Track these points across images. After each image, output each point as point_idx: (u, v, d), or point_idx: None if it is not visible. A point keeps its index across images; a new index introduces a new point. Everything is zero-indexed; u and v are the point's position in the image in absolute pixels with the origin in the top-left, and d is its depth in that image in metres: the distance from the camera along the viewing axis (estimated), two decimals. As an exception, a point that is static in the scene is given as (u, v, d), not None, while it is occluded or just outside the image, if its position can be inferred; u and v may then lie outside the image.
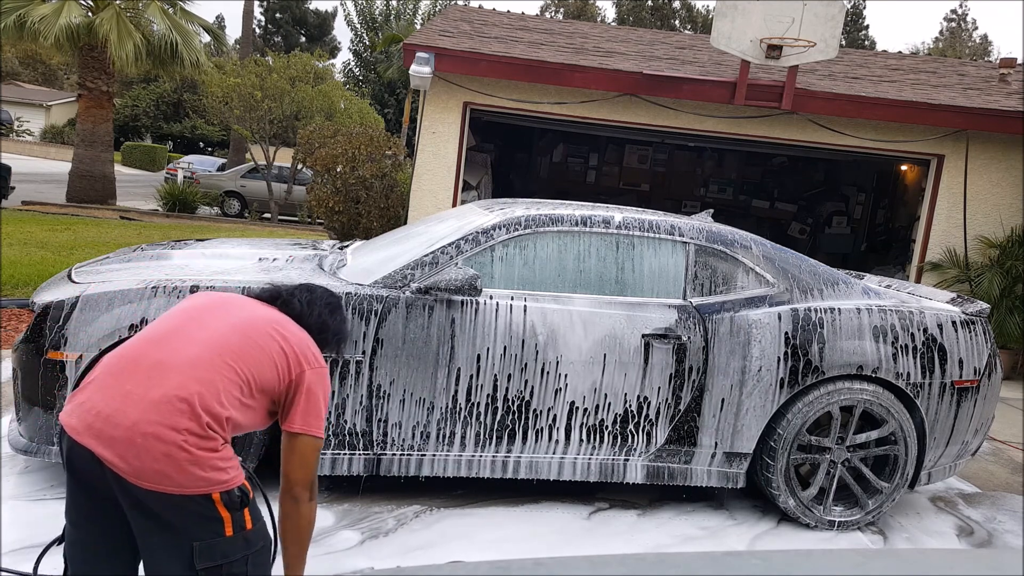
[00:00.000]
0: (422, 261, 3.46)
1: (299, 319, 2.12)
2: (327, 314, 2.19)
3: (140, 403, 1.77)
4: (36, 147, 32.95)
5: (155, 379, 1.81)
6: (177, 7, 16.98)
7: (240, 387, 1.89)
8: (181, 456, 1.75)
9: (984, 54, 43.97)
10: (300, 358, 2.00)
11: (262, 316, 2.04)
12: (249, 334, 1.96)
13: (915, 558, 1.07)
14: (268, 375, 1.94)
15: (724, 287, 3.69)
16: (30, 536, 2.91)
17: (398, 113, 27.06)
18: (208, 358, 1.87)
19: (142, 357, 1.86)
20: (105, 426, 1.76)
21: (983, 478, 4.72)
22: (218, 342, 1.90)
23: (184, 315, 1.99)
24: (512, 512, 3.57)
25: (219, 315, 1.99)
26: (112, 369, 1.86)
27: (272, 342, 1.97)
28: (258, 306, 2.09)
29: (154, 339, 1.91)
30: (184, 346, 1.88)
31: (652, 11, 41.19)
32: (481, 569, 1.00)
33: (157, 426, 1.75)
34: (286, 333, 2.02)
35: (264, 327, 1.99)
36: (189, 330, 1.93)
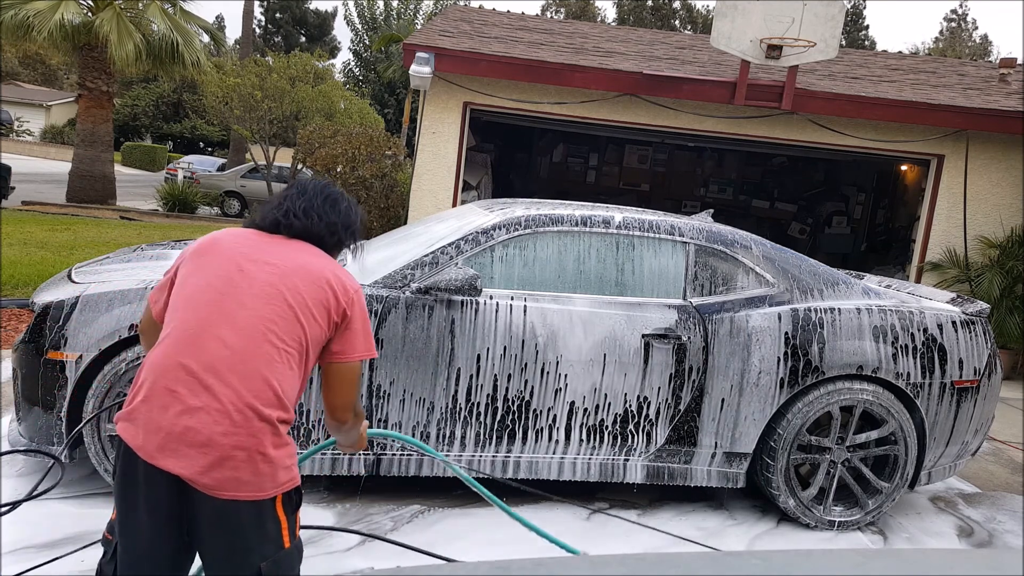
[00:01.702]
0: (422, 261, 3.46)
1: (307, 235, 1.97)
2: (329, 211, 2.01)
3: (211, 415, 1.71)
4: (36, 147, 32.95)
5: (216, 386, 1.73)
6: (177, 7, 16.98)
7: (295, 359, 1.82)
8: (259, 460, 1.73)
9: (984, 54, 43.97)
10: (341, 297, 1.89)
11: (287, 264, 1.88)
12: (290, 290, 1.84)
13: (915, 558, 1.07)
14: (315, 330, 1.85)
15: (724, 287, 3.69)
16: (30, 536, 2.91)
17: (398, 113, 27.05)
18: (262, 345, 1.78)
19: (190, 360, 1.75)
20: (180, 444, 1.70)
21: (983, 478, 4.72)
22: (261, 323, 1.79)
23: (212, 294, 1.82)
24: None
25: (244, 290, 1.82)
26: (162, 386, 1.75)
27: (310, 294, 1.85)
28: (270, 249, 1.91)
29: (191, 335, 1.78)
30: (225, 340, 1.76)
31: (652, 11, 41.19)
32: (481, 569, 1.00)
33: (235, 436, 1.71)
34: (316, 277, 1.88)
35: (299, 280, 1.86)
36: (226, 314, 1.79)
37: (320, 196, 2.03)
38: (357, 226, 2.09)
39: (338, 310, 1.89)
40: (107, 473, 3.22)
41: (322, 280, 1.89)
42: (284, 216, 1.98)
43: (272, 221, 1.98)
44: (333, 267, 1.95)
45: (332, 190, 2.08)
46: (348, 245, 2.08)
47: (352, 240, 2.08)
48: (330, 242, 2.01)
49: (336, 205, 2.04)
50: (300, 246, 1.95)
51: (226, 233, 1.97)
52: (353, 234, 2.08)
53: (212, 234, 1.98)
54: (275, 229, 1.97)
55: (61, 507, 3.18)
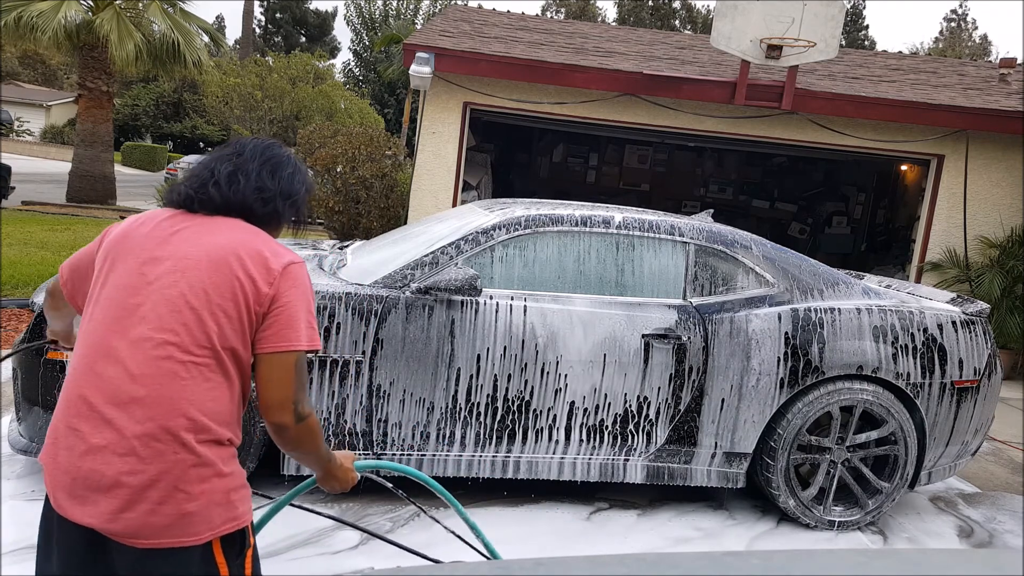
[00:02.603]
0: (422, 261, 3.46)
1: (229, 208, 1.62)
2: (266, 176, 1.65)
3: (115, 453, 1.45)
4: (36, 147, 32.94)
5: (120, 421, 1.46)
6: (177, 7, 16.98)
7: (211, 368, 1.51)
8: (181, 496, 1.46)
9: (984, 54, 43.97)
10: (259, 282, 1.55)
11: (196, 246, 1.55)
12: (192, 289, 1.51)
13: (915, 558, 1.07)
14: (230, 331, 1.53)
15: (724, 287, 3.69)
16: (30, 536, 2.91)
17: (398, 113, 27.05)
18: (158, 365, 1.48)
19: (89, 391, 1.49)
20: (85, 490, 1.46)
21: (983, 478, 4.72)
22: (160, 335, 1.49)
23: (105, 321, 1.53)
24: (512, 512, 3.57)
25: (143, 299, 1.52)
26: (66, 421, 1.50)
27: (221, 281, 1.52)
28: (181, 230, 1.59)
29: (90, 361, 1.51)
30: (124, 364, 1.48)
31: (652, 11, 41.19)
32: (481, 569, 0.99)
33: (146, 474, 1.45)
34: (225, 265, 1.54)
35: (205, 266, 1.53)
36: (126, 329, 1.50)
37: (259, 158, 1.66)
38: (300, 196, 1.72)
39: (258, 296, 1.54)
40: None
41: (232, 262, 1.54)
42: (199, 189, 1.61)
43: (185, 197, 1.62)
44: (253, 242, 1.58)
45: (277, 151, 1.71)
46: (288, 219, 1.72)
47: (294, 213, 1.72)
48: (261, 212, 1.64)
49: (277, 170, 1.67)
50: (218, 224, 1.60)
51: (138, 222, 1.63)
52: (294, 205, 1.71)
53: (125, 223, 1.66)
54: (188, 206, 1.62)
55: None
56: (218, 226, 1.60)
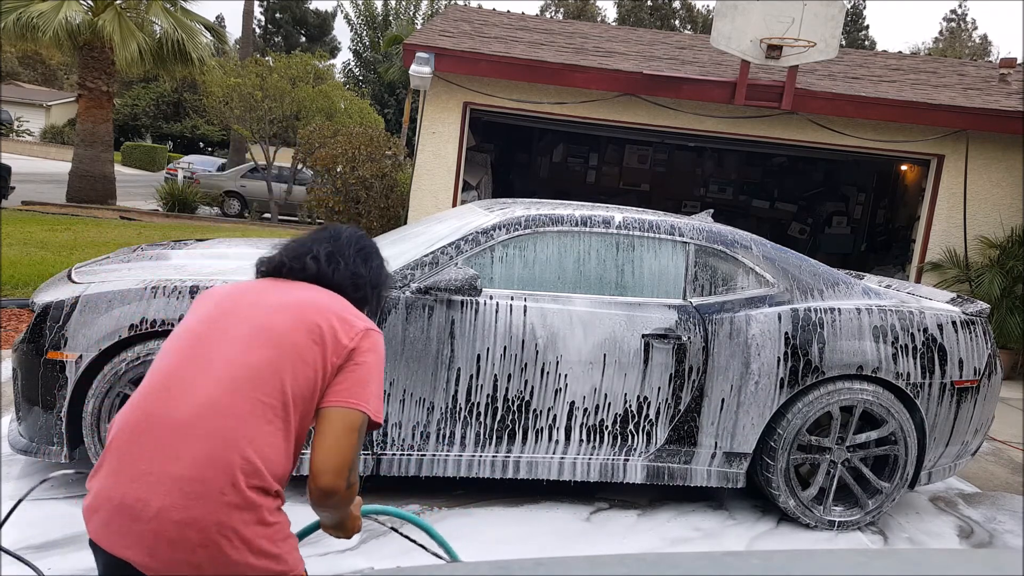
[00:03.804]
0: (422, 261, 3.46)
1: (319, 280, 1.70)
2: (360, 263, 1.75)
3: (161, 484, 1.41)
4: (36, 147, 32.95)
5: (172, 446, 1.43)
6: (178, 6, 16.98)
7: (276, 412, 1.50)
8: (224, 541, 1.40)
9: (984, 54, 43.97)
10: (340, 334, 1.58)
11: (279, 305, 1.61)
12: (271, 334, 1.55)
13: (915, 558, 1.07)
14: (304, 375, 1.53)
15: (724, 287, 3.69)
16: (30, 536, 2.91)
17: (398, 113, 27.06)
18: (230, 396, 1.48)
19: (151, 418, 1.48)
20: (127, 520, 1.41)
21: (983, 478, 4.72)
22: (234, 367, 1.51)
23: (185, 350, 1.57)
24: (512, 512, 3.57)
25: (226, 333, 1.57)
26: (121, 441, 1.48)
27: (298, 334, 1.55)
28: (265, 293, 1.65)
29: (157, 390, 1.51)
30: (197, 390, 1.49)
31: (652, 11, 41.18)
32: (481, 569, 0.99)
33: (187, 510, 1.40)
34: (310, 315, 1.59)
35: (283, 317, 1.57)
36: (197, 366, 1.53)
37: (353, 246, 1.78)
38: (386, 288, 1.84)
39: (337, 347, 1.57)
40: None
41: (316, 314, 1.59)
42: (294, 259, 1.72)
43: (278, 264, 1.73)
44: (339, 302, 1.65)
45: (368, 242, 1.84)
46: (372, 307, 1.80)
47: (377, 302, 1.81)
48: (352, 296, 1.73)
49: (369, 259, 1.80)
50: (308, 286, 1.68)
51: (224, 286, 1.72)
52: (378, 296, 1.81)
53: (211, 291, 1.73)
54: (279, 272, 1.72)
55: (61, 507, 3.18)
56: (307, 287, 1.68)
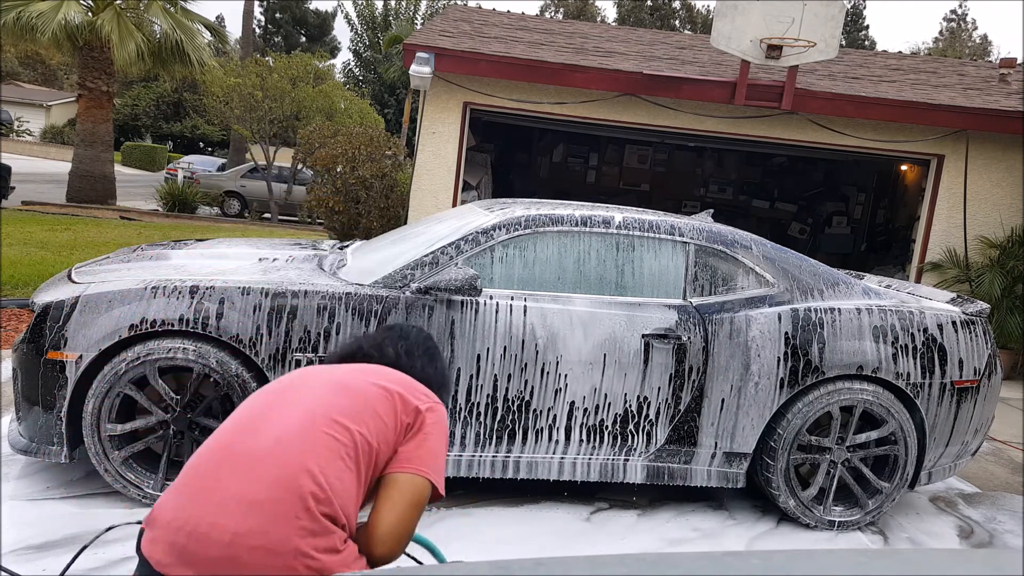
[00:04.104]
0: (422, 261, 3.46)
1: (396, 367, 1.84)
2: (427, 363, 1.91)
3: (238, 509, 1.42)
4: (36, 147, 32.95)
5: (250, 473, 1.46)
6: (178, 6, 16.98)
7: (349, 451, 1.54)
8: (301, 567, 1.40)
9: (984, 54, 43.96)
10: (409, 398, 1.69)
11: (354, 370, 1.76)
12: (345, 387, 1.66)
13: (915, 558, 1.06)
14: (375, 426, 1.60)
15: (724, 287, 3.69)
16: (30, 536, 2.91)
17: (398, 113, 27.06)
18: (306, 430, 1.53)
19: (230, 448, 1.52)
20: (199, 546, 1.40)
21: (983, 478, 4.72)
22: (314, 410, 1.58)
23: (269, 395, 1.68)
24: (512, 512, 3.57)
25: (308, 384, 1.68)
26: (197, 471, 1.51)
27: (371, 388, 1.67)
28: (346, 367, 1.80)
29: (240, 425, 1.58)
30: (276, 425, 1.55)
31: (652, 11, 41.18)
32: (481, 569, 0.99)
33: (265, 535, 1.40)
34: (382, 379, 1.71)
35: (359, 377, 1.70)
36: (279, 408, 1.61)
37: (422, 346, 1.94)
38: (449, 388, 2.04)
39: (408, 408, 1.67)
40: (107, 473, 3.22)
41: (393, 382, 1.71)
42: (374, 347, 1.88)
43: (354, 348, 1.89)
44: (412, 381, 1.79)
45: (433, 343, 2.00)
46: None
47: (442, 399, 1.89)
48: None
49: (435, 360, 1.95)
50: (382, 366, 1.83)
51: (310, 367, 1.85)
52: (445, 395, 1.93)
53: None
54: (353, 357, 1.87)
55: (61, 507, 3.18)
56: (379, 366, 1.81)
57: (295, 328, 3.25)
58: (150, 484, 3.24)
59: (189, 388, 3.22)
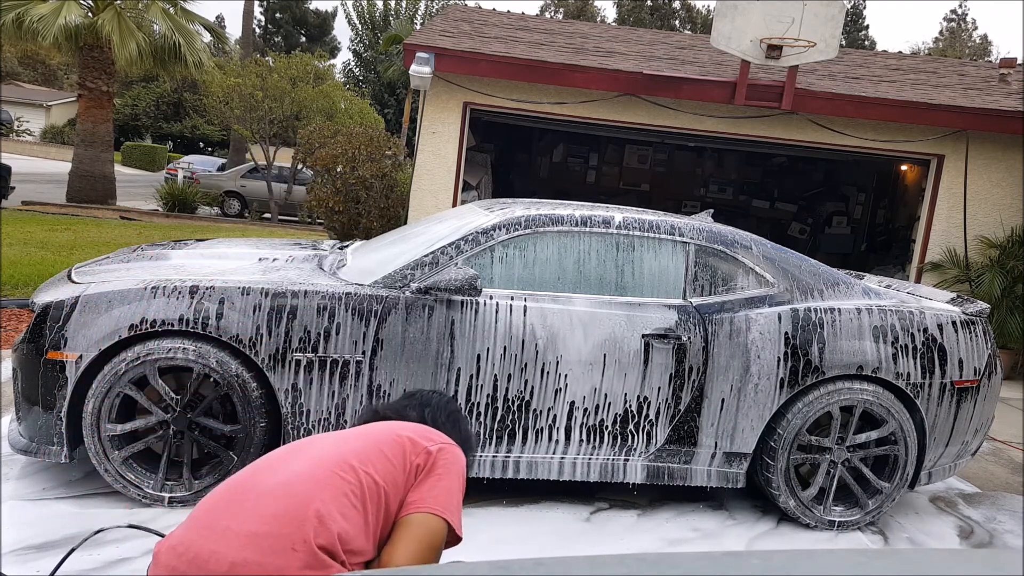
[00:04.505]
0: (422, 261, 3.46)
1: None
2: (450, 427, 1.97)
3: (238, 539, 1.47)
4: (36, 147, 32.95)
5: (255, 507, 1.51)
6: (177, 7, 16.98)
7: (355, 490, 1.57)
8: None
9: (984, 54, 43.96)
10: (419, 440, 1.75)
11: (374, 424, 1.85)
12: (354, 434, 1.73)
13: (915, 558, 1.06)
14: (382, 466, 1.65)
15: (724, 287, 3.69)
16: (30, 536, 2.91)
17: (398, 113, 27.06)
18: (314, 470, 1.58)
19: (244, 485, 1.59)
20: (198, 572, 1.45)
21: (983, 478, 4.72)
22: (323, 454, 1.64)
23: (287, 448, 1.75)
24: (512, 512, 3.56)
25: (322, 438, 1.75)
26: (210, 504, 1.57)
27: (380, 432, 1.74)
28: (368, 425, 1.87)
29: (256, 467, 1.65)
30: (288, 468, 1.61)
31: (652, 11, 41.18)
32: (481, 569, 0.99)
33: (261, 567, 1.43)
34: (395, 426, 1.80)
35: (370, 427, 1.79)
36: (293, 455, 1.68)
37: (444, 412, 2.00)
38: (472, 448, 2.06)
39: (417, 449, 1.71)
40: (107, 473, 3.22)
41: (406, 428, 1.78)
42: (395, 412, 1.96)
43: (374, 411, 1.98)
44: (427, 428, 1.86)
45: (455, 407, 2.06)
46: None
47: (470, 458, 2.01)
48: None
49: (457, 424, 2.01)
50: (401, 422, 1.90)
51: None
52: (468, 452, 2.00)
53: None
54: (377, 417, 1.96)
55: (61, 507, 3.18)
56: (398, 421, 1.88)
57: (295, 328, 3.25)
58: (150, 484, 3.23)
59: (189, 388, 3.22)
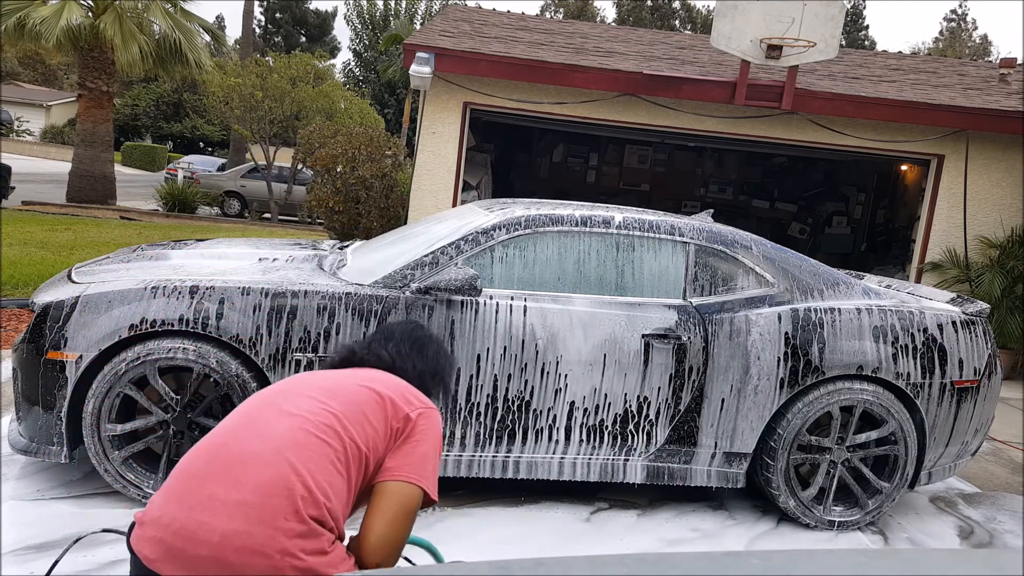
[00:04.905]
0: (422, 261, 3.46)
1: (391, 371, 1.85)
2: (416, 357, 1.90)
3: (226, 508, 1.44)
4: (36, 147, 32.94)
5: (240, 475, 1.48)
6: (177, 7, 16.98)
7: (339, 454, 1.56)
8: (287, 567, 1.42)
9: (984, 54, 43.97)
10: (400, 404, 1.69)
11: (347, 374, 1.76)
12: (337, 392, 1.66)
13: (915, 558, 1.06)
14: (365, 432, 1.61)
15: (724, 287, 3.69)
16: (30, 536, 2.91)
17: (398, 113, 27.06)
18: (297, 434, 1.54)
19: (221, 449, 1.54)
20: (188, 545, 1.42)
21: (983, 478, 4.72)
22: (306, 414, 1.59)
23: (261, 400, 1.68)
24: (512, 512, 3.57)
25: (300, 389, 1.68)
26: (187, 472, 1.52)
27: (363, 393, 1.67)
28: (339, 372, 1.81)
29: (232, 429, 1.59)
30: (267, 429, 1.56)
31: (652, 11, 41.18)
32: (481, 569, 0.99)
33: (251, 536, 1.42)
34: (376, 383, 1.72)
35: (350, 381, 1.71)
36: (270, 412, 1.61)
37: (408, 341, 1.93)
38: (446, 372, 1.98)
39: (398, 413, 1.67)
40: (107, 473, 3.22)
41: (386, 386, 1.72)
42: (364, 348, 1.88)
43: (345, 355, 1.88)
44: (407, 385, 1.79)
45: (420, 333, 1.98)
46: (436, 392, 1.93)
47: (439, 388, 1.94)
48: (416, 386, 1.86)
49: (424, 350, 1.94)
50: (375, 370, 1.83)
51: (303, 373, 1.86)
52: (441, 381, 1.95)
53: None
54: (349, 360, 1.86)
55: (61, 507, 3.18)
56: (374, 370, 1.82)
57: (295, 328, 3.25)
58: (150, 484, 3.23)
59: (189, 388, 3.22)
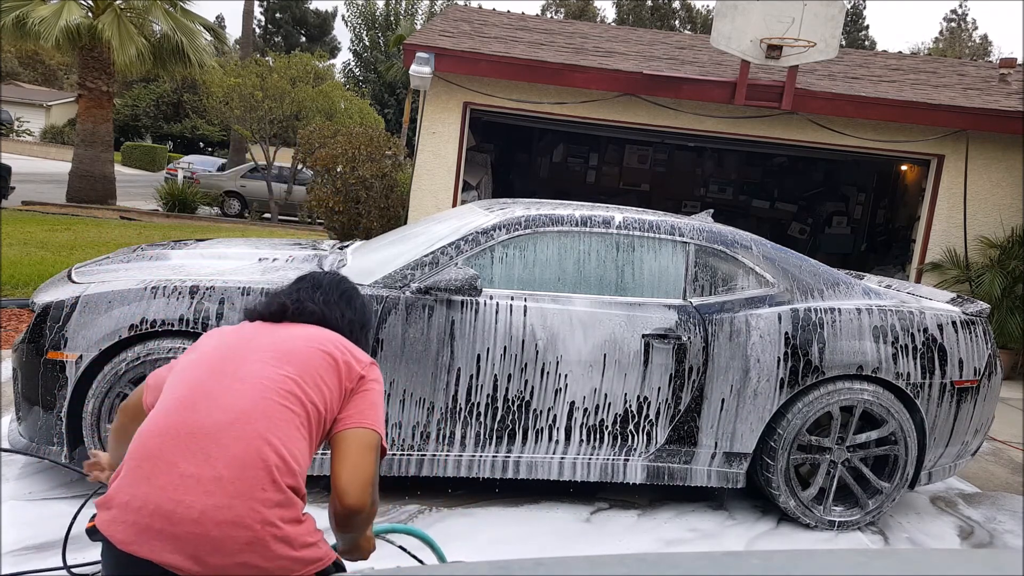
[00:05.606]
0: (422, 261, 3.46)
1: (323, 323, 1.85)
2: (345, 307, 1.92)
3: (201, 485, 1.45)
4: (36, 147, 32.94)
5: (212, 449, 1.48)
6: (178, 7, 16.97)
7: (302, 420, 1.60)
8: (268, 537, 1.46)
9: (984, 54, 43.96)
10: (354, 365, 1.74)
11: (291, 335, 1.75)
12: (291, 356, 1.68)
13: (915, 558, 1.06)
14: (322, 393, 1.66)
15: (724, 287, 3.69)
16: (30, 536, 2.91)
17: (398, 113, 27.06)
18: (261, 403, 1.56)
19: (178, 427, 1.52)
20: (166, 524, 1.43)
21: (983, 478, 4.72)
22: (264, 379, 1.61)
23: (207, 368, 1.65)
24: (512, 512, 3.57)
25: (248, 353, 1.68)
26: (146, 452, 1.51)
27: (317, 356, 1.70)
28: (276, 328, 1.79)
29: (182, 403, 1.57)
30: (228, 399, 1.56)
31: (652, 11, 41.18)
32: (481, 569, 0.99)
33: (231, 509, 1.44)
34: (327, 344, 1.74)
35: (301, 343, 1.72)
36: (223, 381, 1.61)
37: (336, 291, 1.95)
38: (371, 323, 2.05)
39: (351, 374, 1.72)
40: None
41: (333, 346, 1.75)
42: (296, 303, 1.86)
43: (279, 308, 1.84)
44: (345, 340, 1.82)
45: (347, 285, 2.01)
46: (364, 343, 1.95)
47: (365, 339, 1.98)
48: (347, 336, 1.89)
49: (352, 302, 1.96)
50: (310, 325, 1.83)
51: (224, 328, 1.84)
52: (367, 333, 2.00)
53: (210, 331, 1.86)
54: (281, 314, 1.83)
55: (61, 507, 3.18)
56: (311, 326, 1.81)
57: (295, 328, 3.24)
58: (150, 484, 3.23)
59: (189, 388, 3.22)
